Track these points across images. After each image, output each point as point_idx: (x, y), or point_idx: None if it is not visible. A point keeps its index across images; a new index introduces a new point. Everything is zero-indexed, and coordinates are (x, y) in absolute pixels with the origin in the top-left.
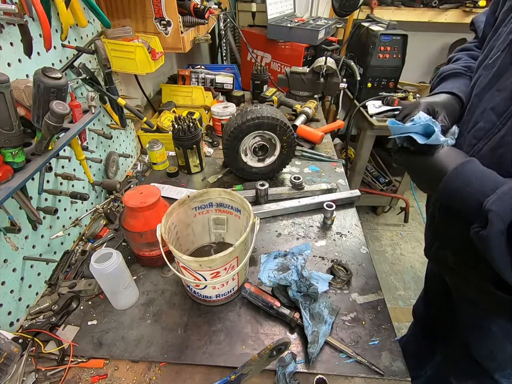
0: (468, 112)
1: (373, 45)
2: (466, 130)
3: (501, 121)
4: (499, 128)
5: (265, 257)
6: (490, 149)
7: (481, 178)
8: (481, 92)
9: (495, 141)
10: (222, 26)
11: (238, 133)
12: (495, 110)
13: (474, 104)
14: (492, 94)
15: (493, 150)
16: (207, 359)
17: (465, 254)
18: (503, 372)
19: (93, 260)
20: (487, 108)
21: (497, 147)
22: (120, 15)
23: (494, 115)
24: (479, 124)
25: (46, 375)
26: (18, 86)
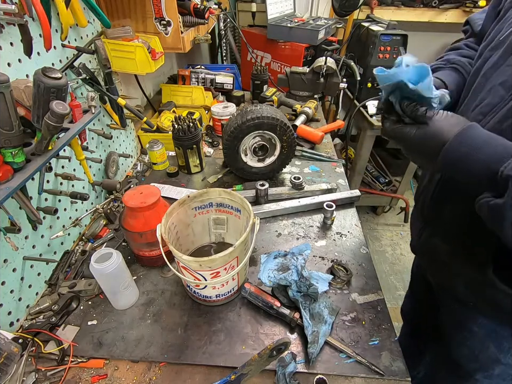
0: (473, 92)
1: (373, 45)
2: (471, 109)
3: (509, 94)
4: (508, 101)
5: (265, 257)
6: (497, 122)
7: (490, 143)
8: (489, 71)
9: (502, 114)
10: (222, 26)
11: (238, 133)
12: (505, 84)
13: (482, 84)
14: (502, 70)
15: (500, 122)
16: (207, 359)
17: (462, 239)
18: (485, 373)
19: (93, 260)
20: (495, 84)
21: (505, 119)
22: (120, 15)
23: (503, 89)
24: (485, 100)
25: (46, 375)
26: (18, 86)
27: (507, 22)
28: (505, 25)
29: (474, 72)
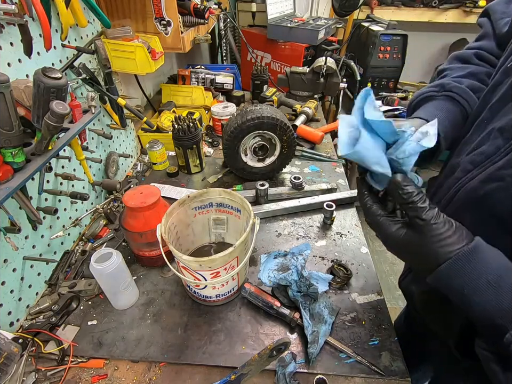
0: (475, 130)
1: (373, 45)
2: (466, 152)
3: (505, 148)
4: (501, 156)
5: (265, 257)
6: (481, 181)
7: (495, 285)
8: (495, 106)
9: (490, 171)
10: (222, 26)
11: (238, 133)
12: (503, 132)
13: (485, 121)
14: (507, 110)
15: (484, 182)
16: (207, 359)
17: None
18: None
19: (93, 260)
20: (495, 127)
21: (488, 180)
22: (120, 15)
23: (501, 138)
24: (482, 147)
25: (46, 375)
26: (18, 86)
27: None
28: None
29: (483, 99)
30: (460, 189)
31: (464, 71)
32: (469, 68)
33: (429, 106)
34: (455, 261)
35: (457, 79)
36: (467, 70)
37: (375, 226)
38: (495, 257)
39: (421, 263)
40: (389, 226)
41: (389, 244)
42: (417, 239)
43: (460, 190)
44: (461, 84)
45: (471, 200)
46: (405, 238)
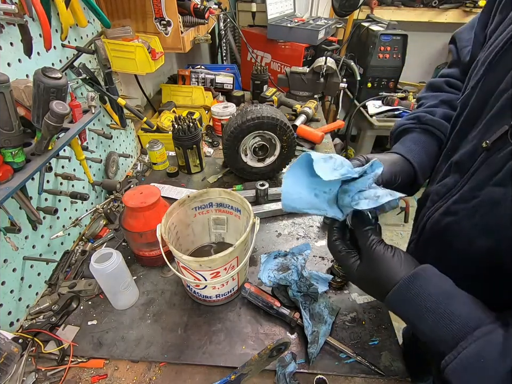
0: (443, 158)
1: (373, 45)
2: (436, 181)
3: (461, 182)
4: (458, 190)
5: (265, 257)
6: (441, 214)
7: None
8: (455, 138)
9: (447, 205)
10: (222, 26)
11: (238, 133)
12: (459, 166)
13: (450, 152)
14: (463, 143)
15: (443, 215)
16: (207, 359)
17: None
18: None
19: (93, 260)
20: (453, 160)
21: (446, 213)
22: (120, 15)
23: (458, 172)
24: (446, 179)
25: (46, 375)
26: (18, 86)
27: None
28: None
29: (451, 127)
30: (429, 219)
31: (436, 99)
32: (441, 96)
33: (407, 140)
34: (398, 289)
35: (431, 110)
36: (439, 98)
37: (338, 260)
38: (437, 284)
39: (374, 293)
40: (347, 259)
41: (348, 276)
42: (368, 270)
43: (429, 220)
44: (435, 115)
45: (435, 231)
46: (359, 269)
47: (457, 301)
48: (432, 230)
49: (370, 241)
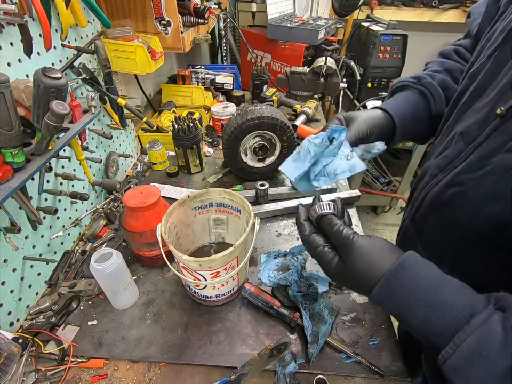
0: (444, 132)
1: (373, 45)
2: (435, 155)
3: (465, 152)
4: (461, 161)
5: (265, 257)
6: (443, 186)
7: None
8: (460, 109)
9: (451, 176)
10: (222, 26)
11: (238, 133)
12: (464, 136)
13: (452, 124)
14: (469, 114)
15: (446, 187)
16: (207, 359)
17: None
18: None
19: (93, 260)
20: (458, 131)
21: (449, 185)
22: (120, 15)
23: (462, 142)
24: (446, 151)
25: (46, 375)
26: (18, 86)
27: (489, 41)
28: (487, 45)
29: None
30: (428, 193)
31: (441, 66)
32: (446, 64)
33: (400, 96)
34: (384, 284)
35: (433, 74)
36: (444, 65)
37: (315, 257)
38: (424, 273)
39: (358, 289)
40: (325, 255)
41: (328, 274)
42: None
43: (428, 194)
44: (434, 79)
45: (435, 204)
46: (338, 265)
47: (447, 289)
48: (432, 204)
49: (345, 235)
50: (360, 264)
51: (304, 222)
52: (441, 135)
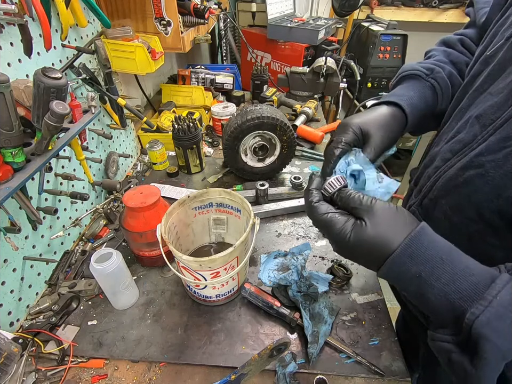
0: (454, 118)
1: (373, 45)
2: (445, 140)
3: (482, 135)
4: (478, 143)
5: (265, 257)
6: (459, 169)
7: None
8: (473, 94)
9: (468, 159)
10: (222, 26)
11: (238, 133)
12: (480, 119)
13: (464, 108)
14: (484, 97)
15: (462, 169)
16: (207, 359)
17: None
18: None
19: (93, 260)
20: (472, 115)
21: (467, 167)
22: (120, 15)
23: (478, 125)
24: (460, 134)
25: (46, 375)
26: (18, 86)
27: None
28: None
29: (463, 88)
30: (440, 177)
31: (446, 56)
32: (451, 55)
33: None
34: (410, 244)
35: (442, 65)
36: (449, 57)
37: (325, 225)
38: (441, 239)
39: (373, 257)
40: (337, 221)
41: (338, 244)
42: (370, 228)
43: (440, 178)
44: (444, 71)
45: (450, 187)
46: (356, 230)
47: (464, 256)
48: (445, 188)
49: (367, 198)
50: (384, 225)
51: (313, 190)
52: (450, 121)
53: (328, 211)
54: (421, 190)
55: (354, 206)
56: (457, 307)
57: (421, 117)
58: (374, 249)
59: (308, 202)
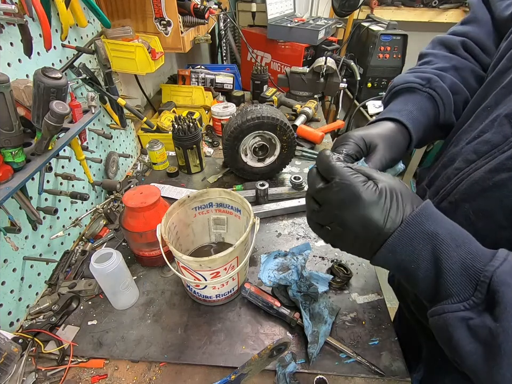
0: (477, 117)
1: (373, 45)
2: (466, 140)
3: None
4: (510, 145)
5: (265, 257)
6: (487, 172)
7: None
8: (501, 92)
9: (498, 161)
10: (222, 26)
11: (238, 133)
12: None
13: (489, 108)
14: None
15: (491, 172)
16: (207, 359)
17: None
18: None
19: (93, 260)
20: (501, 114)
21: (497, 170)
22: (120, 15)
23: (509, 125)
24: (485, 135)
25: (46, 375)
26: (18, 86)
27: None
28: None
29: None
30: (463, 180)
31: (448, 62)
32: (454, 60)
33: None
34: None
35: (441, 74)
36: (452, 63)
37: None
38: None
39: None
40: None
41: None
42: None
43: (464, 181)
44: (444, 82)
45: (475, 191)
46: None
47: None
48: (469, 190)
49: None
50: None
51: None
52: (472, 120)
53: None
54: (437, 192)
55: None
56: (472, 271)
57: (424, 130)
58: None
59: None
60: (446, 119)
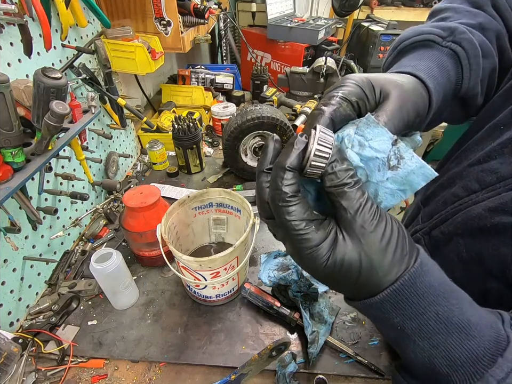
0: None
1: (373, 45)
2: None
3: None
4: None
5: (265, 257)
6: (489, 210)
7: (445, 320)
8: None
9: (501, 200)
10: (222, 26)
11: (238, 133)
12: None
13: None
14: None
15: (492, 212)
16: (207, 359)
17: None
18: None
19: (93, 260)
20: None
21: (499, 210)
22: (120, 15)
23: None
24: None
25: (46, 375)
26: (18, 86)
27: None
28: None
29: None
30: (460, 210)
31: (474, 19)
32: (480, 17)
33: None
34: (400, 289)
35: (468, 28)
36: (478, 19)
37: (290, 233)
38: (438, 278)
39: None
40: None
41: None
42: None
43: (460, 212)
44: (472, 33)
45: (472, 228)
46: (330, 262)
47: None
48: (465, 226)
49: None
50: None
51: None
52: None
53: (305, 218)
54: (431, 216)
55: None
56: (441, 373)
57: (444, 97)
58: (358, 282)
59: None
60: (469, 88)
